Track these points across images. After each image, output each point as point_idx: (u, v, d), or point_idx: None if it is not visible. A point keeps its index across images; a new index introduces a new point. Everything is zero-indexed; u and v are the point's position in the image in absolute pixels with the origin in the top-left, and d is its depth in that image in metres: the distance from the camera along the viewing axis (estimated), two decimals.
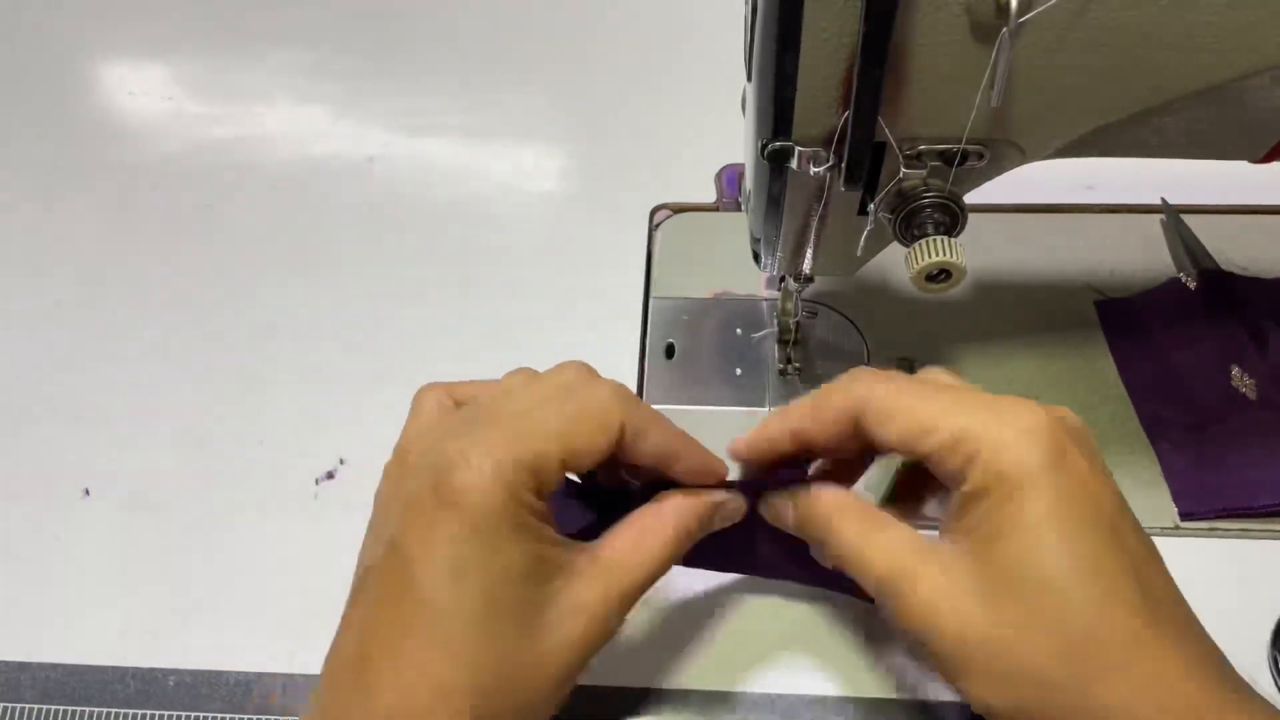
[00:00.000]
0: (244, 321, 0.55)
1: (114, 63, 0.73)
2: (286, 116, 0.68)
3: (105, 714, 0.41)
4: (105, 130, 0.68)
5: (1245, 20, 0.30)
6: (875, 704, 0.39)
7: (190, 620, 0.43)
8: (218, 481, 0.48)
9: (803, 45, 0.31)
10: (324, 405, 0.51)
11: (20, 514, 0.47)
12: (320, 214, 0.61)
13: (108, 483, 0.48)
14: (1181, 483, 0.44)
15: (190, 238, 0.60)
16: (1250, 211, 0.56)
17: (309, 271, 0.57)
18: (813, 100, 0.33)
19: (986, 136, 0.34)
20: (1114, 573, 0.29)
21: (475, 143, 0.65)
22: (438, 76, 0.70)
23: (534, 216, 0.60)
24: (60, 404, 0.52)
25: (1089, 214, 0.57)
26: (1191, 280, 0.51)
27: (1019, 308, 0.52)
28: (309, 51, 0.72)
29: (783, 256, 0.42)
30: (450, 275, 0.57)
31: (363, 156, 0.64)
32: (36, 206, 0.62)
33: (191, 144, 0.66)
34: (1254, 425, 0.45)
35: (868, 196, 0.37)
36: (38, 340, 0.55)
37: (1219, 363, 0.48)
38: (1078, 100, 0.33)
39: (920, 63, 0.32)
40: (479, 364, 0.52)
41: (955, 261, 0.35)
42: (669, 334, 0.53)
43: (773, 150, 0.35)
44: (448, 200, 0.61)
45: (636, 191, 0.60)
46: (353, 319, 0.55)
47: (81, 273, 0.58)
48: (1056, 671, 0.28)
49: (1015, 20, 0.29)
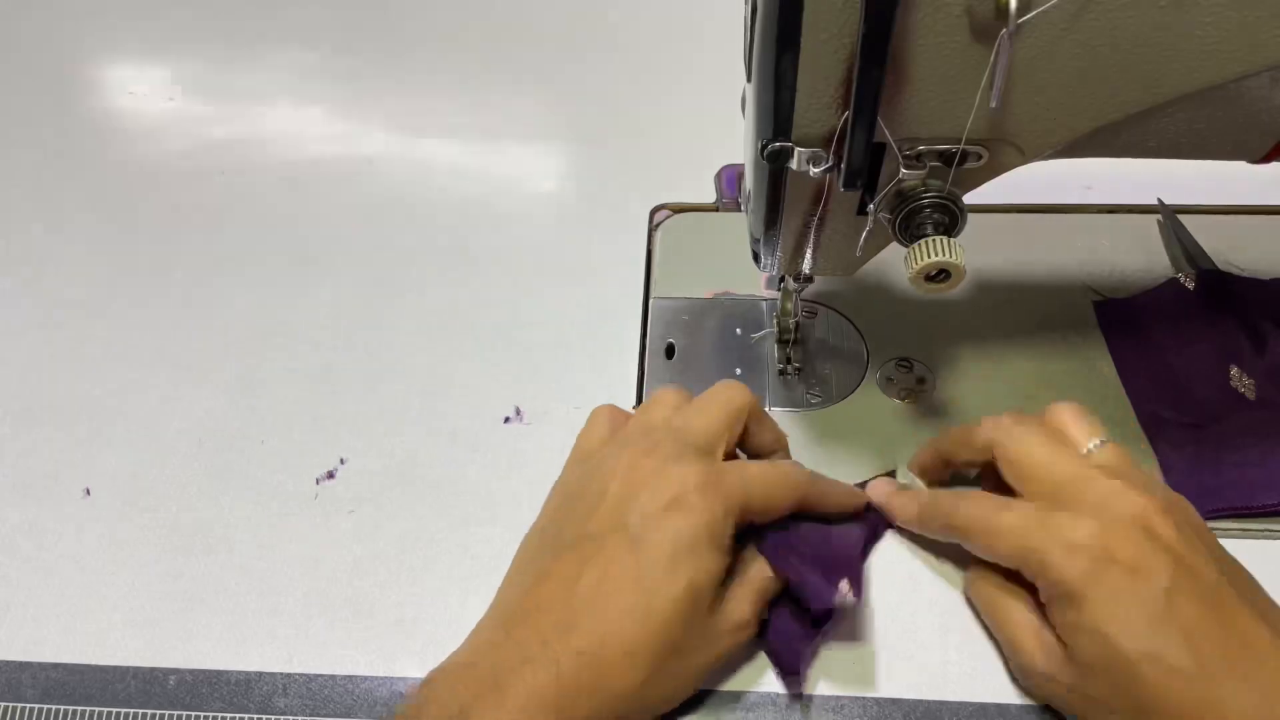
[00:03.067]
0: (244, 321, 0.55)
1: (114, 63, 0.73)
2: (286, 116, 0.68)
3: (105, 714, 0.41)
4: (105, 130, 0.68)
5: (1245, 20, 0.30)
6: (876, 704, 0.39)
7: (190, 620, 0.43)
8: (218, 481, 0.48)
9: (803, 45, 0.31)
10: (324, 405, 0.51)
11: (20, 514, 0.47)
12: (320, 214, 0.61)
13: (108, 483, 0.48)
14: (1180, 482, 0.44)
15: (190, 237, 0.60)
16: (1249, 212, 0.56)
17: (309, 271, 0.57)
18: (813, 100, 0.33)
19: (986, 137, 0.34)
20: (1162, 647, 0.33)
21: (475, 143, 0.65)
22: (438, 76, 0.70)
23: (534, 216, 0.60)
24: (60, 404, 0.52)
25: (1088, 214, 0.57)
26: (1190, 280, 0.51)
27: (1018, 308, 0.52)
28: (309, 51, 0.72)
29: (783, 256, 0.42)
30: (450, 275, 0.57)
31: (363, 156, 0.64)
32: (37, 206, 0.62)
33: (192, 144, 0.66)
34: (1253, 425, 0.45)
35: (867, 196, 0.37)
36: (38, 340, 0.55)
37: (1218, 363, 0.48)
38: (1077, 101, 0.33)
39: (920, 63, 0.32)
40: (479, 363, 0.52)
41: (954, 262, 0.35)
42: (669, 334, 0.53)
43: (773, 150, 0.35)
44: (448, 200, 0.61)
45: (636, 191, 0.60)
46: (353, 319, 0.55)
47: (82, 273, 0.58)
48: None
49: (1015, 21, 0.29)
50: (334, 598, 0.43)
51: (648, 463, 0.38)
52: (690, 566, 0.35)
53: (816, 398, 0.49)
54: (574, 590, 0.35)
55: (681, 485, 0.36)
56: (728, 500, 0.37)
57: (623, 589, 0.35)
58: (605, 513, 0.37)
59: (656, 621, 0.35)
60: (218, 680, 0.41)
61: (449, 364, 0.52)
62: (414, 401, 0.51)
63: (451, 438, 0.49)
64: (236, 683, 0.41)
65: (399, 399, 0.51)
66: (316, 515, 0.46)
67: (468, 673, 0.35)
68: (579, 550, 0.36)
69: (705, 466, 0.37)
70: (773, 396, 0.50)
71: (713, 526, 0.36)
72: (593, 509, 0.37)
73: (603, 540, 0.36)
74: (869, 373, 0.50)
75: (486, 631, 0.37)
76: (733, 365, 0.51)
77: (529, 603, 0.36)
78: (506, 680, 0.33)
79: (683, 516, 0.36)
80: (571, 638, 0.34)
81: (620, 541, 0.36)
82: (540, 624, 0.35)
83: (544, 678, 0.33)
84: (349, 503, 0.47)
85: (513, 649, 0.35)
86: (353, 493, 0.47)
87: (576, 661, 0.34)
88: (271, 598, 0.44)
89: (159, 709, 0.41)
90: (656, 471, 0.37)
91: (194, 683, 0.41)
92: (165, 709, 0.41)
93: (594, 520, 0.37)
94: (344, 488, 0.47)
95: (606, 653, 0.34)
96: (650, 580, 0.35)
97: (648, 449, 0.38)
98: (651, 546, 0.35)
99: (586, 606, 0.35)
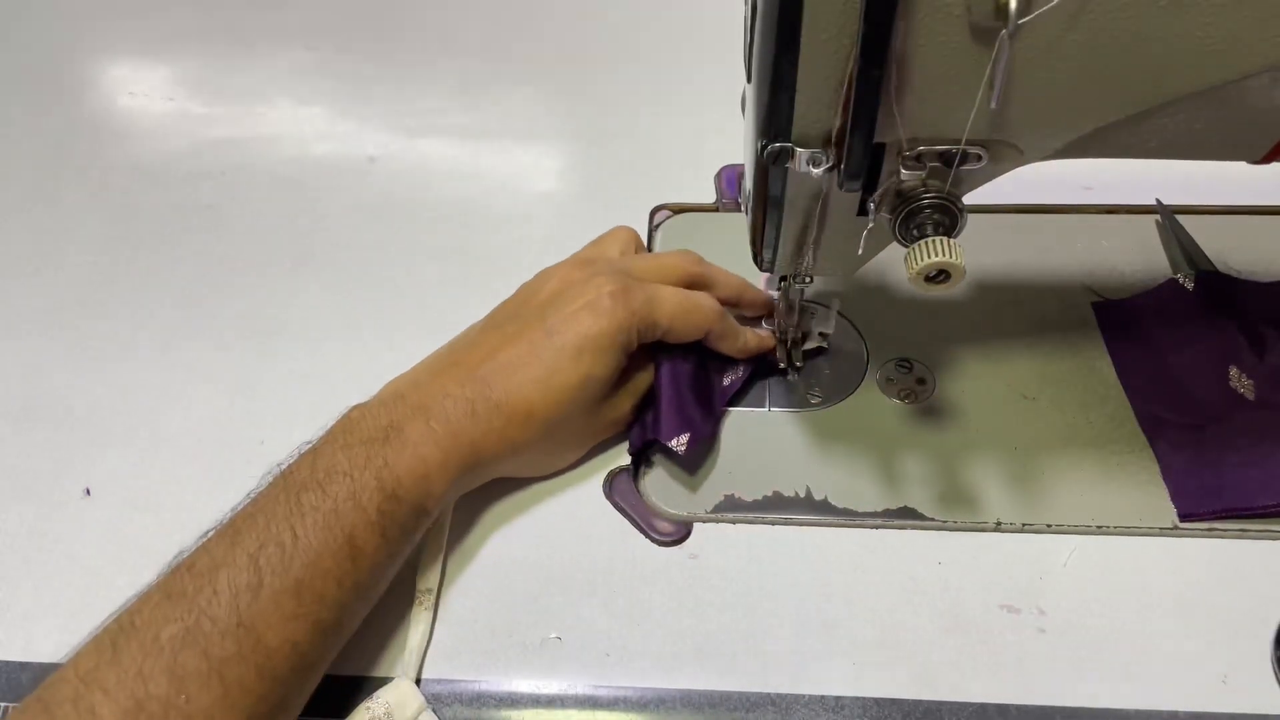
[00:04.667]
0: (244, 321, 0.55)
1: (114, 63, 0.73)
2: (286, 116, 0.68)
3: None
4: (105, 130, 0.68)
5: (1245, 20, 0.30)
6: (876, 704, 0.39)
7: None
8: (218, 481, 0.48)
9: (803, 45, 0.32)
10: (324, 405, 0.51)
11: (20, 514, 0.47)
12: (320, 214, 0.61)
13: (108, 483, 0.48)
14: (1180, 483, 0.44)
15: (190, 238, 0.60)
16: (1248, 212, 0.56)
17: (309, 271, 0.57)
18: (813, 100, 0.33)
19: (985, 137, 0.34)
20: None
21: (475, 143, 0.65)
22: (438, 76, 0.70)
23: (534, 217, 0.60)
24: (60, 404, 0.52)
25: (1087, 215, 0.57)
26: (1189, 281, 0.51)
27: (1017, 308, 0.52)
28: (309, 51, 0.72)
29: (783, 256, 0.42)
30: (450, 275, 0.57)
31: (363, 156, 0.64)
32: (37, 206, 0.62)
33: (192, 144, 0.66)
34: (1253, 426, 0.45)
35: (867, 197, 0.37)
36: (38, 340, 0.55)
37: (1217, 363, 0.48)
38: (1076, 101, 0.33)
39: (920, 64, 0.32)
40: None
41: (954, 262, 0.35)
42: None
43: (773, 150, 0.35)
44: (448, 200, 0.61)
45: (636, 191, 0.60)
46: (353, 318, 0.55)
47: (82, 273, 0.58)
48: None
49: (1014, 22, 0.29)
50: None
51: (578, 274, 0.45)
52: (590, 359, 0.42)
53: (816, 398, 0.49)
54: (495, 357, 0.42)
55: (598, 292, 0.43)
56: (634, 314, 0.43)
57: (532, 364, 0.42)
58: (534, 307, 0.45)
59: (554, 394, 0.42)
60: None
61: None
62: None
63: None
64: None
65: None
66: None
67: (396, 400, 0.41)
68: (503, 330, 0.44)
69: (621, 282, 0.44)
70: (773, 397, 0.50)
71: (615, 332, 0.43)
72: (523, 303, 0.46)
73: (525, 324, 0.43)
74: (869, 373, 0.50)
75: (409, 375, 0.44)
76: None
77: (454, 359, 0.43)
78: (431, 407, 0.41)
79: (593, 318, 0.43)
80: (487, 390, 0.41)
81: (539, 329, 0.43)
82: (461, 376, 0.42)
83: (462, 411, 0.41)
84: None
85: (436, 387, 0.42)
86: None
87: (487, 406, 0.41)
88: None
89: None
90: (587, 279, 0.44)
91: None
92: None
93: (523, 311, 0.45)
94: None
95: (511, 407, 0.41)
96: (556, 363, 0.42)
97: (585, 269, 0.46)
98: (562, 336, 0.42)
99: (502, 370, 0.42)
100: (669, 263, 0.48)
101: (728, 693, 0.40)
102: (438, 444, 0.40)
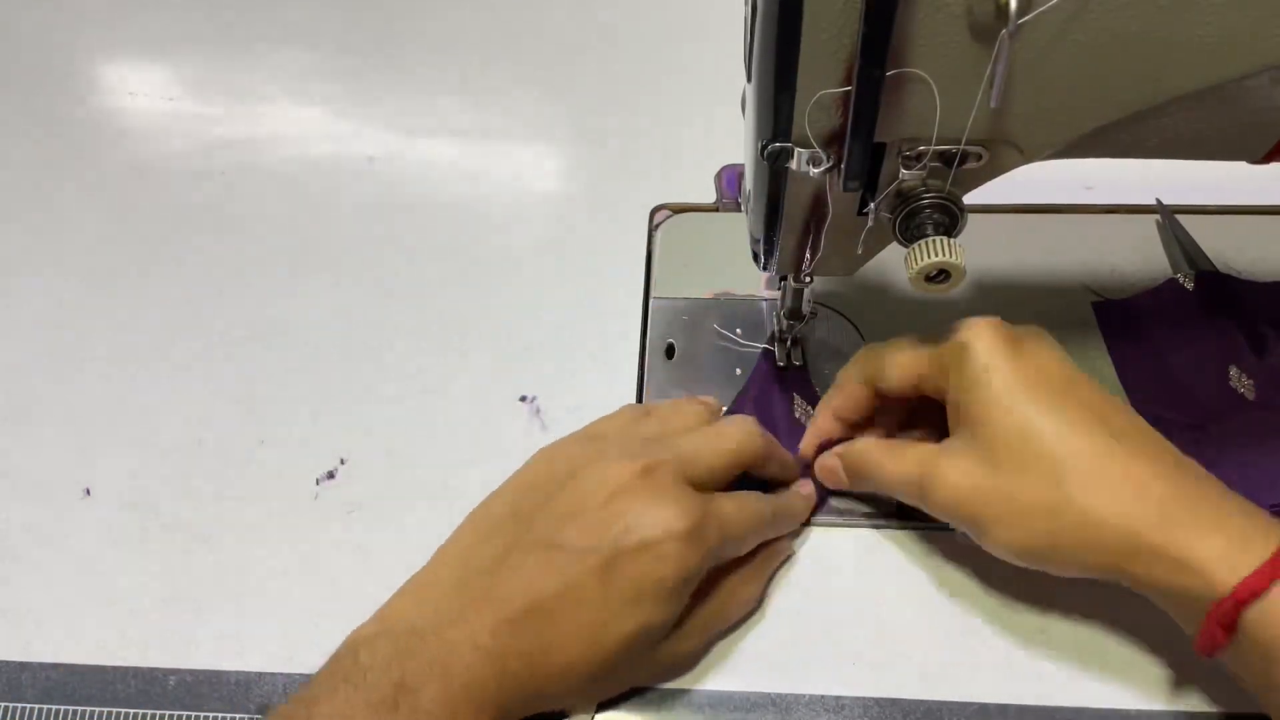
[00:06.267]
0: (244, 321, 0.55)
1: (114, 63, 0.73)
2: (286, 116, 0.68)
3: (105, 714, 0.41)
4: (105, 130, 0.68)
5: (1245, 20, 0.30)
6: (876, 704, 0.39)
7: (190, 620, 0.43)
8: (218, 481, 0.48)
9: (803, 45, 0.31)
10: (324, 405, 0.51)
11: (20, 514, 0.47)
12: (320, 214, 0.61)
13: (108, 483, 0.48)
14: None
15: (190, 238, 0.60)
16: (1248, 212, 0.56)
17: (309, 271, 0.57)
18: (813, 100, 0.33)
19: (986, 137, 0.34)
20: (1073, 415, 0.36)
21: (475, 143, 0.65)
22: (438, 76, 0.70)
23: (534, 216, 0.60)
24: (60, 404, 0.52)
25: (1087, 214, 0.57)
26: (1189, 281, 0.51)
27: (1017, 308, 0.52)
28: (309, 51, 0.72)
29: (783, 256, 0.42)
30: (450, 275, 0.57)
31: (363, 156, 0.64)
32: (37, 207, 0.62)
33: (191, 144, 0.66)
34: (1253, 426, 0.45)
35: (868, 196, 0.37)
36: (38, 340, 0.55)
37: (1217, 363, 0.48)
38: (1077, 101, 0.33)
39: (920, 64, 0.32)
40: (479, 363, 0.52)
41: (954, 262, 0.35)
42: (669, 334, 0.53)
43: (773, 150, 0.35)
44: (448, 200, 0.61)
45: (636, 191, 0.60)
46: (353, 319, 0.55)
47: (82, 273, 0.58)
48: (1049, 495, 0.35)
49: (1015, 22, 0.29)
50: (334, 598, 0.43)
51: (641, 485, 0.37)
52: (649, 610, 0.36)
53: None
54: (535, 592, 0.36)
55: (666, 531, 0.36)
56: (704, 555, 0.37)
57: (580, 611, 0.36)
58: (585, 523, 0.37)
59: (601, 650, 0.36)
60: (218, 680, 0.41)
61: (449, 364, 0.52)
62: (414, 401, 0.51)
63: (451, 438, 0.49)
64: (236, 683, 0.41)
65: (399, 399, 0.51)
66: (316, 515, 0.46)
67: (411, 643, 0.35)
68: (551, 556, 0.37)
69: (692, 518, 0.37)
70: None
71: (680, 580, 0.37)
72: (573, 511, 0.38)
73: (576, 556, 0.36)
74: None
75: (426, 598, 0.38)
76: (733, 365, 0.51)
77: (488, 584, 0.37)
78: (452, 666, 0.35)
79: (657, 564, 0.36)
80: (521, 639, 0.36)
81: (592, 565, 0.36)
82: (491, 622, 0.36)
83: (489, 671, 0.35)
84: (349, 503, 0.47)
85: (461, 635, 0.35)
86: (353, 493, 0.47)
87: (519, 662, 0.36)
88: (271, 598, 0.44)
89: (159, 709, 0.41)
90: (647, 500, 0.37)
91: (194, 683, 0.41)
92: (165, 709, 0.41)
93: (572, 526, 0.37)
94: (344, 488, 0.47)
95: (549, 662, 0.36)
96: (608, 612, 0.36)
97: (647, 468, 0.38)
98: (619, 580, 0.36)
99: (542, 614, 0.36)
100: (741, 452, 0.41)
101: (728, 693, 0.40)
102: (455, 714, 0.34)
